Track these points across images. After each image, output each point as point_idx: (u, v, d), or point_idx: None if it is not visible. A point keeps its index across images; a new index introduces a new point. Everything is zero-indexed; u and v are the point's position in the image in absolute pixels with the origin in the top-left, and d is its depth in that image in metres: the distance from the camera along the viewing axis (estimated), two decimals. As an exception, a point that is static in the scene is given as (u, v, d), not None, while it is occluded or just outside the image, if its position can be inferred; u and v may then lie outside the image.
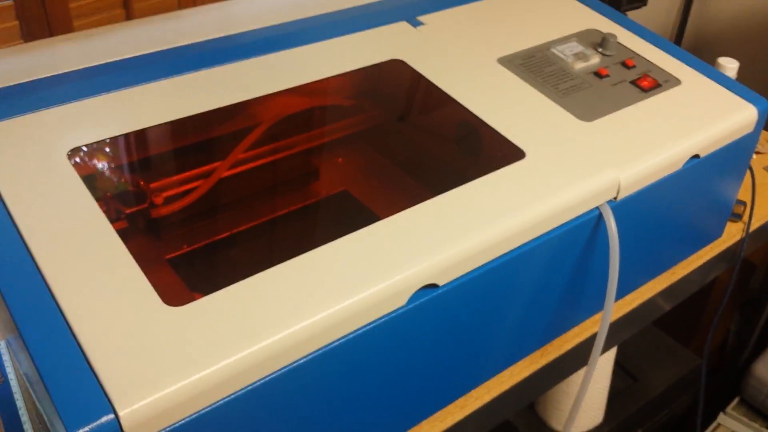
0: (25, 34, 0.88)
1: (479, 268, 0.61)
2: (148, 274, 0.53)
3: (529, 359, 0.75)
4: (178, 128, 0.72)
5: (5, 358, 0.71)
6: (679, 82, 0.82)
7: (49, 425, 0.57)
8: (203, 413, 0.48)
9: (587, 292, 0.75)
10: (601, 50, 0.85)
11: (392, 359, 0.59)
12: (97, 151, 0.69)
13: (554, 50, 0.84)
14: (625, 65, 0.83)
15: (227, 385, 0.49)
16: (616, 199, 0.70)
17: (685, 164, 0.75)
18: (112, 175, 0.71)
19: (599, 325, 0.70)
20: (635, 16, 1.50)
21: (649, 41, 0.88)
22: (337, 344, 0.54)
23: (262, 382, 0.50)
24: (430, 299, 0.58)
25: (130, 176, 0.73)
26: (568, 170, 0.67)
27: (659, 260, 0.85)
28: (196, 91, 0.69)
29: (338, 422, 0.59)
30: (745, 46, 1.78)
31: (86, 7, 0.91)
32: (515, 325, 0.70)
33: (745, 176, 0.88)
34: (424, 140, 0.89)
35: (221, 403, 0.49)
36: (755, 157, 1.08)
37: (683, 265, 0.88)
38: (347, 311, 0.53)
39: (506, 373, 0.73)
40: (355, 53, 0.78)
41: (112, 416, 0.44)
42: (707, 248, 0.91)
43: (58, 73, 0.69)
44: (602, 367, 1.08)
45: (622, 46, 0.87)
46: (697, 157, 0.76)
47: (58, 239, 0.54)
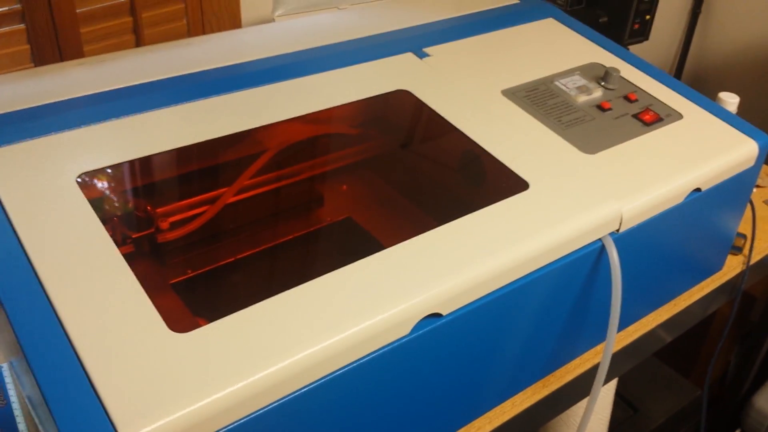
0: (35, 58, 0.89)
1: (483, 298, 0.61)
2: (153, 298, 0.53)
3: (531, 390, 0.75)
4: (185, 154, 0.73)
5: (8, 380, 0.71)
6: (680, 116, 0.83)
7: (51, 449, 0.57)
8: (206, 440, 0.48)
9: (589, 323, 0.76)
10: (603, 84, 0.86)
11: (395, 388, 0.60)
12: (105, 176, 0.69)
13: (558, 83, 0.85)
14: (627, 99, 0.84)
15: (230, 412, 0.49)
16: (618, 231, 0.70)
17: (686, 198, 0.75)
18: (119, 199, 0.72)
19: (601, 356, 0.70)
20: (637, 50, 1.52)
21: (651, 75, 0.89)
22: (340, 373, 0.54)
23: (264, 410, 0.50)
24: (433, 329, 0.58)
25: (136, 201, 0.74)
26: (571, 202, 0.68)
27: (660, 292, 0.86)
28: (204, 118, 0.70)
29: (340, 451, 0.59)
30: (745, 80, 1.80)
31: (97, 32, 0.92)
32: (517, 355, 0.70)
33: (745, 210, 0.89)
34: (428, 169, 0.89)
35: (224, 430, 0.49)
36: (755, 190, 1.08)
37: (684, 297, 0.89)
38: (350, 340, 0.53)
39: (508, 403, 0.73)
40: (361, 83, 0.79)
41: (116, 442, 0.45)
42: (708, 281, 0.91)
43: (68, 98, 0.70)
44: (603, 397, 1.08)
45: (624, 80, 0.88)
46: (698, 190, 0.76)
47: (64, 263, 0.54)
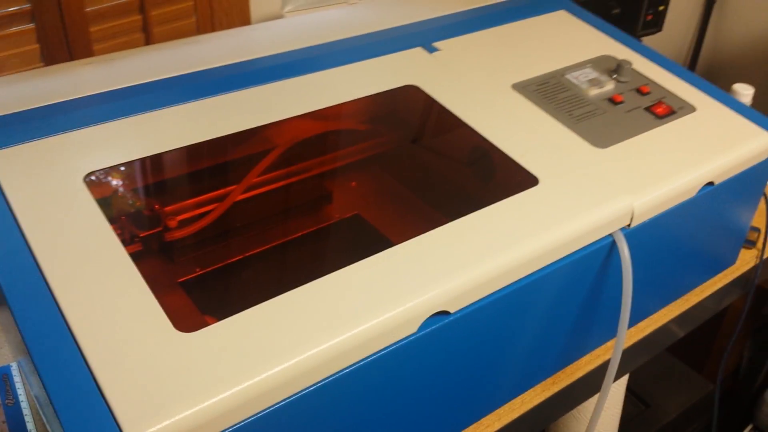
0: (45, 57, 0.89)
1: (491, 295, 0.61)
2: (160, 297, 0.53)
3: (540, 387, 0.75)
4: (193, 152, 0.73)
5: (16, 380, 0.71)
6: (693, 109, 0.82)
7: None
8: (213, 439, 0.48)
9: (600, 319, 0.75)
10: (615, 77, 0.85)
11: (403, 386, 0.59)
12: (113, 174, 0.70)
13: (569, 76, 0.84)
14: (639, 92, 0.83)
15: (237, 412, 0.49)
16: (629, 226, 0.69)
17: (699, 192, 0.74)
18: (127, 198, 0.72)
19: (612, 352, 0.70)
20: (650, 41, 1.50)
21: (664, 67, 0.88)
22: (348, 371, 0.54)
23: (271, 409, 0.50)
24: (441, 326, 0.58)
25: (145, 199, 0.74)
26: (581, 197, 0.67)
27: (672, 287, 0.85)
28: (212, 115, 0.70)
29: (347, 449, 0.59)
30: (761, 72, 1.78)
31: (106, 30, 0.92)
32: (527, 352, 0.69)
33: (759, 203, 0.87)
34: (437, 165, 0.89)
35: (232, 430, 0.49)
36: (771, 183, 1.07)
37: (696, 291, 0.88)
38: (358, 338, 0.53)
39: (517, 400, 0.73)
40: (370, 79, 0.78)
41: (121, 442, 0.45)
42: (721, 275, 0.90)
43: (76, 97, 0.70)
44: (614, 393, 1.07)
45: (636, 72, 0.87)
46: (711, 184, 0.76)
47: (71, 262, 0.55)
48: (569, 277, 0.67)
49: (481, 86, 0.80)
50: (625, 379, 1.08)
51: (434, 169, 0.89)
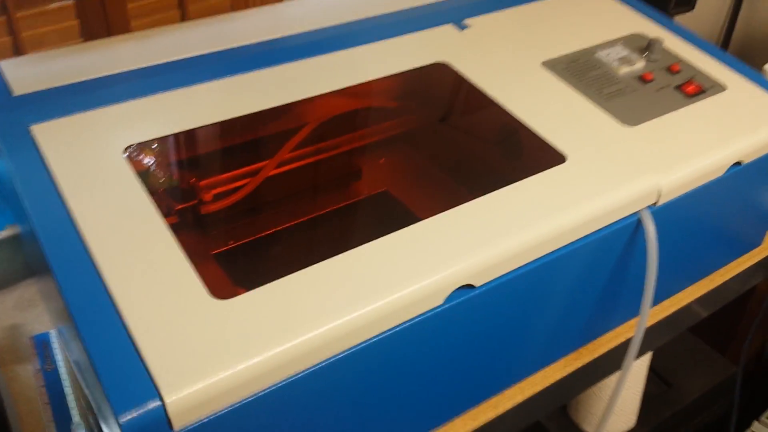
0: (84, 33, 0.91)
1: (516, 270, 0.62)
2: (196, 267, 0.55)
3: (563, 362, 0.76)
4: (228, 128, 0.75)
5: (56, 346, 0.74)
6: (724, 88, 0.82)
7: (96, 411, 0.59)
8: (245, 402, 0.50)
9: (624, 296, 0.76)
10: (646, 55, 0.85)
11: (428, 356, 0.61)
12: (151, 148, 0.72)
13: (599, 54, 0.84)
14: (670, 70, 0.83)
15: (269, 376, 0.51)
16: (656, 204, 0.70)
17: (726, 171, 0.75)
18: (164, 171, 0.74)
19: (634, 330, 0.71)
20: (682, 20, 1.49)
21: (695, 46, 0.88)
22: (375, 340, 0.55)
23: (302, 374, 0.52)
24: (466, 299, 0.60)
25: (181, 173, 0.76)
26: (608, 175, 0.68)
27: (697, 267, 0.85)
28: (246, 92, 0.71)
29: (374, 415, 0.61)
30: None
31: (144, 7, 0.94)
32: (550, 327, 0.71)
33: (787, 185, 0.87)
34: (465, 143, 0.90)
35: (263, 393, 0.51)
36: (803, 164, 1.06)
37: (721, 272, 0.88)
38: (385, 309, 0.55)
39: (540, 374, 0.74)
40: (400, 56, 0.79)
41: (158, 402, 0.47)
42: (746, 256, 0.90)
43: (115, 72, 0.72)
44: (636, 372, 1.08)
45: (667, 51, 0.87)
46: (739, 164, 0.76)
47: (112, 232, 0.57)
48: (594, 254, 0.68)
49: (510, 63, 0.80)
50: (647, 358, 1.09)
51: (463, 146, 0.90)
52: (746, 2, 1.78)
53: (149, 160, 0.73)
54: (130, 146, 0.64)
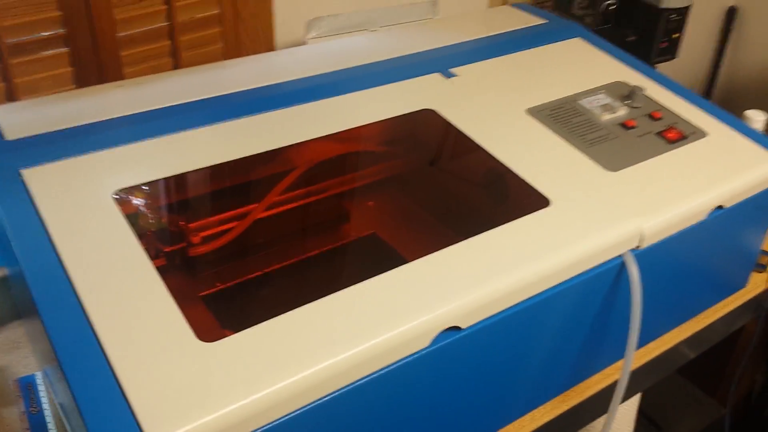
0: (77, 80, 0.93)
1: (502, 312, 0.63)
2: (183, 309, 0.55)
3: (550, 404, 0.76)
4: (217, 172, 0.76)
5: (41, 388, 0.74)
6: (705, 134, 0.84)
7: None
8: (231, 445, 0.50)
9: (610, 338, 0.76)
10: (628, 102, 0.87)
11: (415, 399, 0.61)
12: (140, 192, 0.73)
13: (582, 102, 0.86)
14: (651, 117, 0.85)
15: (254, 419, 0.51)
16: (639, 247, 0.71)
17: (709, 215, 0.76)
18: (153, 214, 0.75)
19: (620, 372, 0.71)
20: (667, 68, 1.52)
21: (676, 93, 0.90)
22: (361, 383, 0.56)
23: (285, 419, 0.52)
24: (453, 341, 0.60)
25: (170, 216, 0.77)
26: (591, 218, 0.69)
27: (682, 309, 0.86)
28: (236, 137, 0.73)
29: (360, 459, 0.61)
30: (779, 97, 1.79)
31: (136, 55, 0.96)
32: (537, 369, 0.71)
33: None
34: (452, 187, 0.91)
35: (248, 435, 0.51)
36: (785, 208, 1.08)
37: (707, 314, 0.89)
38: (372, 351, 0.55)
39: (527, 417, 0.74)
40: (389, 103, 0.81)
41: (144, 445, 0.47)
42: (731, 298, 0.91)
43: (107, 118, 0.73)
44: (625, 414, 1.07)
45: (649, 98, 0.89)
46: (721, 208, 0.77)
47: (101, 276, 0.57)
48: (579, 296, 0.69)
49: (496, 111, 0.82)
50: (636, 400, 1.09)
51: (450, 190, 0.91)
52: (729, 50, 1.83)
53: (139, 203, 0.74)
54: (120, 190, 0.65)
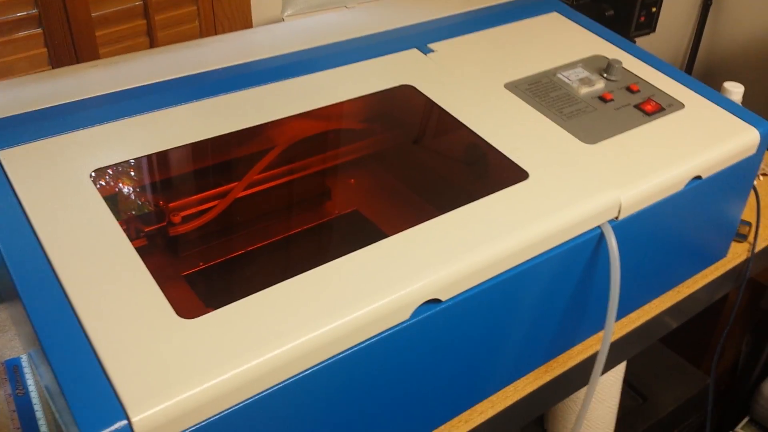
0: (52, 60, 0.92)
1: (482, 284, 0.63)
2: (164, 289, 0.55)
3: (533, 375, 0.77)
4: (196, 150, 0.76)
5: (26, 371, 0.74)
6: (682, 106, 0.84)
7: (67, 433, 0.59)
8: (212, 421, 0.51)
9: (591, 309, 0.77)
10: (606, 75, 0.87)
11: (396, 372, 0.62)
12: (118, 171, 0.72)
13: (560, 75, 0.87)
14: (629, 90, 0.86)
15: (235, 394, 0.51)
16: (617, 218, 0.72)
17: (686, 185, 0.77)
18: (132, 194, 0.75)
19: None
20: (648, 42, 1.52)
21: (654, 67, 0.91)
22: (342, 356, 0.56)
23: (269, 391, 0.53)
24: (433, 314, 0.60)
25: (149, 196, 0.77)
26: (569, 190, 0.69)
27: (663, 279, 0.87)
28: (214, 115, 0.72)
29: (342, 431, 0.61)
30: (758, 71, 1.80)
31: (111, 35, 0.95)
32: (519, 340, 0.72)
33: (749, 197, 0.89)
34: (432, 162, 0.91)
35: (229, 411, 0.51)
36: (763, 179, 1.09)
37: (688, 283, 0.90)
38: (352, 324, 0.55)
39: (510, 388, 0.75)
40: (367, 79, 0.81)
41: (125, 422, 0.47)
42: (712, 267, 0.92)
43: (82, 98, 0.73)
44: (611, 386, 1.09)
45: (627, 71, 0.89)
46: (699, 178, 0.78)
47: (79, 256, 0.57)
48: (559, 267, 0.69)
49: (474, 85, 0.82)
50: (621, 372, 1.10)
51: (430, 165, 0.91)
52: (710, 24, 1.84)
53: (117, 183, 0.74)
54: (97, 170, 0.65)
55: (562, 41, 0.93)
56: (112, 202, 0.63)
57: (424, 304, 0.60)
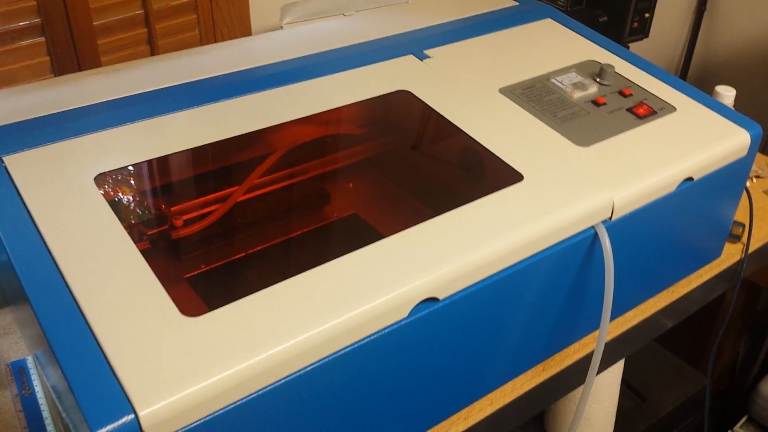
0: (55, 68, 0.93)
1: (478, 283, 0.65)
2: (167, 289, 0.57)
3: (531, 373, 0.78)
4: (197, 155, 0.77)
5: (33, 372, 0.75)
6: (674, 109, 0.86)
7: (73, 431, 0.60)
8: (216, 416, 0.52)
9: (586, 308, 0.78)
10: (599, 80, 0.89)
11: (395, 370, 0.63)
12: (121, 176, 0.74)
13: (554, 80, 0.88)
14: (622, 94, 0.87)
15: (238, 389, 0.52)
16: (610, 219, 0.73)
17: (678, 186, 0.78)
18: (135, 198, 0.76)
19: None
20: (643, 48, 1.54)
21: (647, 71, 0.92)
22: (342, 353, 0.57)
23: (271, 387, 0.54)
24: (430, 312, 0.62)
25: (152, 200, 0.78)
26: (563, 192, 0.71)
27: (658, 278, 0.88)
28: (215, 120, 0.74)
29: (341, 428, 0.62)
30: (752, 76, 1.82)
31: (113, 43, 0.96)
32: (516, 338, 0.73)
33: (741, 199, 0.91)
34: (429, 165, 0.93)
35: (232, 406, 0.52)
36: (756, 181, 1.11)
37: (683, 283, 0.91)
38: (351, 322, 0.57)
39: (509, 385, 0.76)
40: (365, 85, 0.82)
41: (132, 416, 0.48)
42: (707, 268, 0.94)
43: (86, 104, 0.74)
44: (609, 386, 1.10)
45: (619, 75, 0.91)
46: (690, 179, 0.79)
47: (85, 258, 0.58)
48: (554, 266, 0.71)
49: (469, 91, 0.84)
50: (619, 372, 1.11)
51: (427, 168, 0.93)
52: (704, 29, 1.86)
53: (120, 187, 0.75)
54: (101, 174, 0.66)
55: (556, 47, 0.95)
56: (115, 205, 0.64)
57: (421, 302, 0.61)
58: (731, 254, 0.97)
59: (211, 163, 0.83)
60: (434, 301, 0.62)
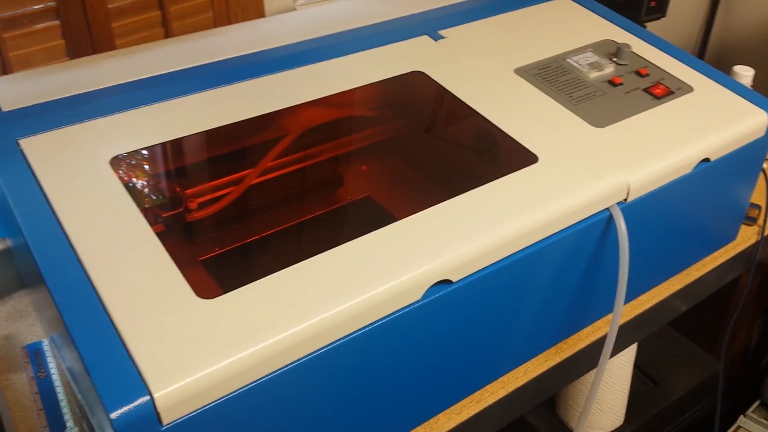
0: (70, 52, 0.93)
1: (492, 265, 0.64)
2: (182, 272, 0.57)
3: (543, 356, 0.78)
4: (212, 138, 0.77)
5: (48, 354, 0.76)
6: (691, 89, 0.85)
7: (89, 413, 0.61)
8: (231, 397, 0.52)
9: (600, 291, 0.78)
10: (615, 60, 0.88)
11: (409, 352, 0.63)
12: (137, 158, 0.74)
13: (570, 60, 0.87)
14: (638, 74, 0.86)
15: (253, 371, 0.53)
16: (626, 200, 0.72)
17: (695, 168, 0.77)
18: (150, 181, 0.77)
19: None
20: (660, 27, 1.52)
21: (664, 51, 0.91)
22: (356, 335, 0.57)
23: (285, 369, 0.54)
24: (444, 294, 0.62)
25: (167, 182, 0.78)
26: (578, 173, 0.70)
27: (672, 262, 0.88)
28: (229, 103, 0.74)
29: (356, 410, 0.63)
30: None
31: (128, 26, 0.96)
32: (529, 321, 0.73)
33: (758, 180, 0.90)
34: (443, 147, 0.93)
35: (248, 387, 0.53)
36: (773, 162, 1.09)
37: (698, 266, 0.91)
38: (364, 304, 0.57)
39: (521, 369, 0.76)
40: (378, 66, 0.82)
41: (147, 398, 0.49)
42: (722, 251, 0.93)
43: (101, 87, 0.74)
44: (621, 369, 1.10)
45: (636, 55, 0.90)
46: (707, 160, 0.78)
47: (101, 240, 0.59)
48: (568, 249, 0.70)
49: (484, 71, 0.83)
50: (632, 356, 1.11)
51: (441, 150, 0.93)
52: (722, 8, 1.83)
53: (135, 170, 0.75)
54: (116, 157, 0.66)
55: (571, 26, 0.94)
56: (130, 187, 0.65)
57: (435, 284, 0.61)
58: (747, 237, 0.96)
59: (225, 145, 0.83)
60: (448, 283, 0.62)
